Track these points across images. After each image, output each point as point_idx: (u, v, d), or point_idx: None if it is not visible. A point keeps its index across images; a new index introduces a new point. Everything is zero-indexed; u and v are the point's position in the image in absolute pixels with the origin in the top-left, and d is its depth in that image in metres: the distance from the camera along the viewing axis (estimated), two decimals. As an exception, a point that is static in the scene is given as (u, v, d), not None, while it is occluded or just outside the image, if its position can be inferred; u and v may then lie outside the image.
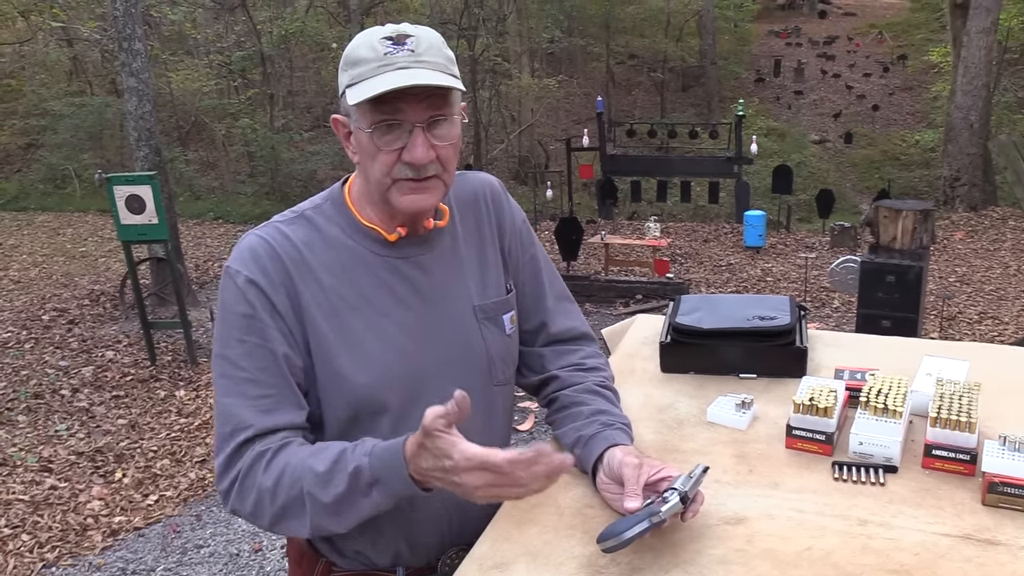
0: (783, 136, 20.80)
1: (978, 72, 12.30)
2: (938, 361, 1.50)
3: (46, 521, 4.08)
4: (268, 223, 1.28)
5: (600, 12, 22.26)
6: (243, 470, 1.15)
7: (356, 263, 1.25)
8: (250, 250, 1.23)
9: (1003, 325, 7.11)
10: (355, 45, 1.19)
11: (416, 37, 1.17)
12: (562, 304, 1.48)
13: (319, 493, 1.10)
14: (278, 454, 1.15)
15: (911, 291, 4.74)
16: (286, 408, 1.19)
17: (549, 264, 1.49)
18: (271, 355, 1.19)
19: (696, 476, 1.12)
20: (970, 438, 1.23)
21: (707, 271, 9.45)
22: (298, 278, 1.22)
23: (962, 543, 1.09)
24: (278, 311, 1.20)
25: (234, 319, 1.20)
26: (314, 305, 1.22)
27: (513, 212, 1.44)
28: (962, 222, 11.65)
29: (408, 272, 1.27)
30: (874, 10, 31.49)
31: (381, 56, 1.15)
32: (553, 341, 1.46)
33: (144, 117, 7.44)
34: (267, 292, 1.20)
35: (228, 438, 1.17)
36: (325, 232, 1.26)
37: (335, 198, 1.30)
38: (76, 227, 13.50)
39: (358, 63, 1.17)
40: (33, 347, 6.89)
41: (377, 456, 1.09)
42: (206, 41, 16.91)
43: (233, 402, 1.18)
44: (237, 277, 1.21)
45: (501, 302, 1.36)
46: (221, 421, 1.19)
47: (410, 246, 1.28)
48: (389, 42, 1.16)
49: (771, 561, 1.08)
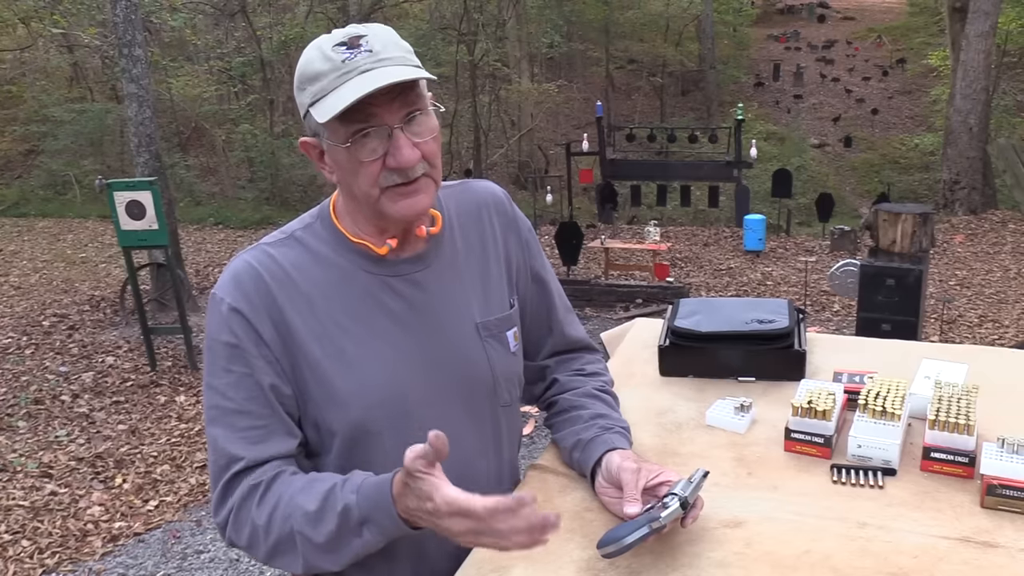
0: (783, 140, 20.82)
1: (977, 76, 12.32)
2: (936, 364, 1.50)
3: (46, 527, 4.08)
4: (257, 245, 1.22)
5: (599, 17, 22.30)
6: (236, 504, 1.13)
7: (348, 283, 1.20)
8: (234, 276, 1.18)
9: (1003, 328, 7.11)
10: (307, 59, 1.12)
11: (369, 35, 1.11)
12: (568, 315, 1.47)
13: (310, 532, 1.08)
14: (271, 487, 1.12)
15: (911, 295, 4.74)
16: (276, 438, 1.16)
17: (554, 275, 1.46)
18: (258, 386, 1.15)
19: (696, 481, 1.12)
20: (968, 440, 1.23)
21: (707, 275, 9.45)
22: (286, 302, 1.16)
23: (961, 545, 1.09)
24: (263, 340, 1.15)
25: (220, 348, 1.16)
26: (305, 329, 1.17)
27: (519, 223, 1.38)
28: (962, 225, 11.66)
29: (404, 290, 1.22)
30: (873, 14, 31.54)
31: (339, 65, 1.08)
32: (559, 352, 1.46)
33: (144, 123, 7.46)
34: (251, 320, 1.15)
35: (221, 471, 1.15)
36: (316, 252, 1.21)
37: (323, 216, 1.25)
38: (76, 233, 13.51)
39: (316, 78, 1.10)
40: (33, 353, 6.89)
41: (365, 494, 1.05)
42: (206, 47, 16.92)
43: (223, 434, 1.15)
44: (221, 305, 1.16)
45: (504, 318, 1.31)
46: (213, 454, 1.16)
47: (405, 263, 1.23)
48: (343, 48, 1.10)
49: (770, 564, 1.08)
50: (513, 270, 1.36)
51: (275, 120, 16.91)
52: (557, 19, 20.61)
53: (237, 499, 1.13)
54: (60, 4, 13.20)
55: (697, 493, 1.12)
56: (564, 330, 1.44)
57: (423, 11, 19.82)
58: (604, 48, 22.89)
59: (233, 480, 1.14)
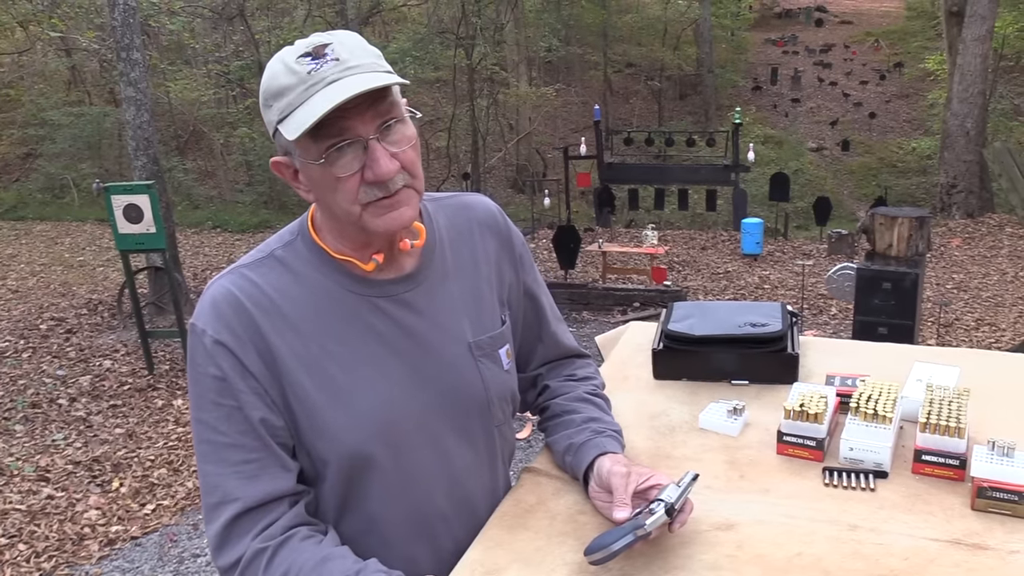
0: (780, 144, 20.85)
1: (974, 79, 12.35)
2: (928, 367, 1.51)
3: (43, 531, 4.07)
4: (233, 268, 1.16)
5: (597, 21, 22.35)
6: (243, 565, 1.08)
7: (335, 306, 1.15)
8: (213, 305, 1.12)
9: (1000, 332, 7.12)
10: (272, 75, 1.06)
11: (335, 43, 1.05)
12: (559, 326, 1.46)
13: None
14: (279, 552, 1.08)
15: (907, 298, 4.75)
16: (271, 473, 1.11)
17: (545, 287, 1.45)
18: (247, 420, 1.10)
19: (685, 485, 1.12)
20: (959, 443, 1.24)
21: (705, 279, 9.46)
22: (270, 330, 1.11)
23: (951, 548, 1.10)
24: (250, 372, 1.10)
25: (207, 381, 1.11)
26: (291, 357, 1.12)
27: (513, 239, 1.35)
28: (959, 229, 11.68)
29: (393, 312, 1.17)
30: (870, 18, 31.61)
31: (305, 77, 1.03)
32: (550, 361, 1.46)
33: (142, 126, 7.46)
34: (236, 352, 1.10)
35: (216, 509, 1.10)
36: (299, 273, 1.15)
37: (304, 232, 1.19)
38: (74, 236, 13.51)
39: (281, 93, 1.04)
40: (31, 356, 6.88)
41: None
42: (204, 51, 16.96)
43: (215, 470, 1.10)
44: (204, 337, 1.11)
45: (497, 336, 1.28)
46: (206, 490, 1.12)
47: (393, 283, 1.18)
48: (308, 59, 1.04)
49: (761, 567, 1.08)
50: (505, 286, 1.33)
51: (273, 124, 16.89)
52: (555, 23, 20.65)
53: (245, 560, 1.08)
54: (58, 7, 13.21)
55: (686, 497, 1.12)
56: (555, 341, 1.44)
57: (421, 15, 19.85)
58: (602, 52, 22.94)
59: (233, 526, 1.09)
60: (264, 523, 1.10)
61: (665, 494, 1.11)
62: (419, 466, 1.19)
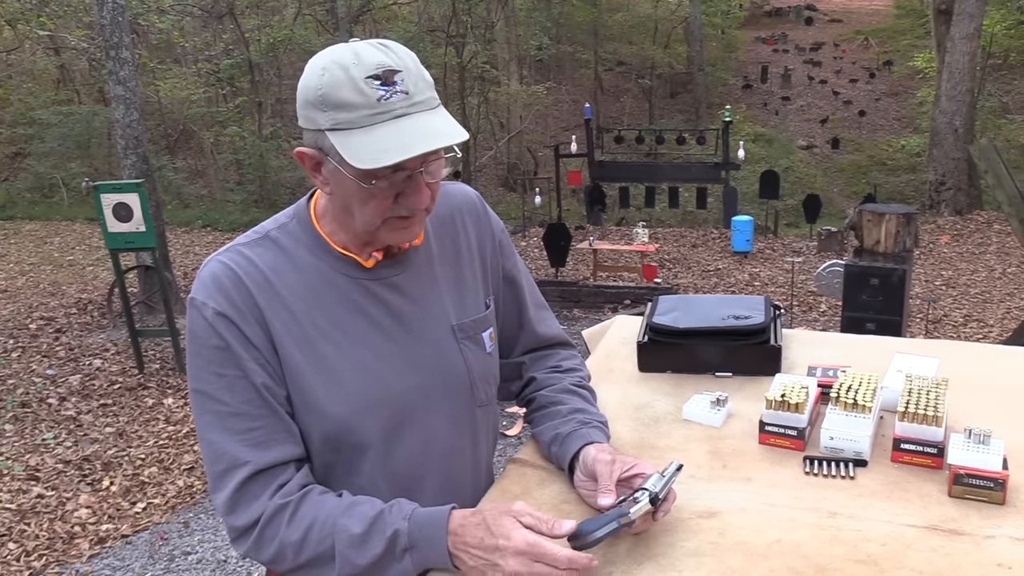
0: (770, 142, 20.91)
1: (962, 77, 12.42)
2: (909, 358, 1.53)
3: (33, 530, 4.07)
4: (230, 246, 1.19)
5: (588, 19, 22.38)
6: (264, 522, 1.11)
7: (327, 287, 1.18)
8: (213, 279, 1.15)
9: (988, 328, 7.17)
10: (334, 82, 1.05)
11: (404, 71, 1.07)
12: (540, 313, 1.48)
13: (354, 555, 1.08)
14: (301, 505, 1.11)
15: (895, 294, 4.79)
16: (279, 439, 1.14)
17: (527, 273, 1.48)
18: (252, 387, 1.13)
19: (669, 475, 1.14)
20: (937, 432, 1.26)
21: (695, 276, 9.50)
22: (266, 306, 1.15)
23: (928, 533, 1.12)
24: (252, 343, 1.13)
25: (208, 353, 1.13)
26: (285, 334, 1.15)
27: (492, 225, 1.39)
28: (948, 226, 11.75)
29: (383, 294, 1.21)
30: (860, 17, 31.73)
31: (374, 103, 1.04)
32: (532, 349, 1.47)
33: (131, 125, 7.44)
34: (238, 324, 1.13)
35: (223, 476, 1.12)
36: (292, 255, 1.19)
37: (301, 216, 1.22)
38: (64, 236, 13.45)
39: (344, 107, 1.05)
40: (20, 356, 6.86)
41: (417, 522, 1.08)
42: (194, 49, 16.87)
43: (220, 438, 1.12)
44: (204, 310, 1.13)
45: (480, 319, 1.31)
46: (211, 460, 1.13)
47: (383, 267, 1.22)
48: (377, 82, 1.04)
49: (742, 553, 1.10)
50: (488, 271, 1.37)
51: (263, 122, 16.88)
52: (546, 21, 20.67)
53: (264, 517, 1.11)
54: (47, 6, 13.14)
55: (669, 486, 1.14)
56: (536, 327, 1.46)
57: (412, 13, 19.83)
58: (593, 50, 22.97)
59: (247, 486, 1.11)
60: (279, 482, 1.13)
61: (649, 483, 1.12)
62: (405, 443, 1.23)
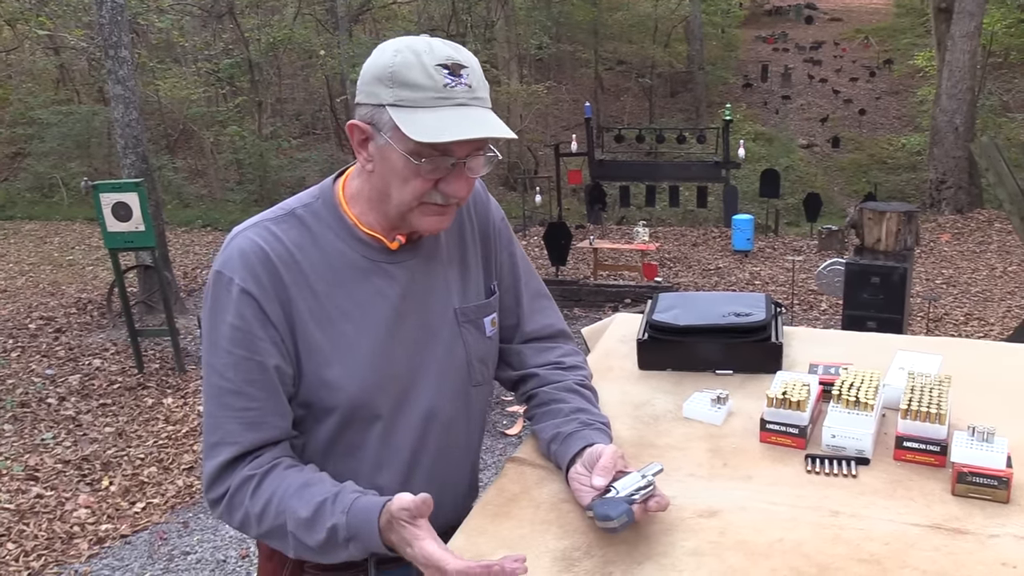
0: (771, 140, 20.89)
1: (963, 76, 12.40)
2: (911, 355, 1.52)
3: (32, 530, 4.06)
4: (257, 222, 1.23)
5: (588, 18, 22.35)
6: (232, 490, 1.18)
7: (349, 268, 1.23)
8: (242, 255, 1.19)
9: (989, 326, 7.16)
10: (404, 63, 1.12)
11: (470, 68, 1.15)
12: (539, 301, 1.49)
13: (303, 536, 1.14)
14: (265, 479, 1.17)
15: (896, 292, 4.78)
16: (271, 420, 1.20)
17: (526, 261, 1.49)
18: (259, 367, 1.18)
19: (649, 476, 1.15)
20: (940, 429, 1.25)
21: (695, 275, 9.48)
22: (292, 284, 1.19)
23: (932, 532, 1.11)
24: (271, 322, 1.18)
25: (224, 328, 1.18)
26: (307, 312, 1.20)
27: (492, 212, 1.43)
28: (948, 224, 11.74)
29: (399, 275, 1.27)
30: (860, 15, 31.70)
31: (440, 88, 1.11)
32: (531, 339, 1.47)
33: (131, 125, 7.43)
34: (261, 303, 1.17)
35: (215, 448, 1.19)
36: (316, 234, 1.23)
37: (327, 197, 1.27)
38: (63, 235, 13.44)
39: (410, 86, 1.11)
40: (19, 356, 6.85)
41: (354, 516, 1.11)
42: (194, 49, 16.86)
43: (218, 412, 1.19)
44: (231, 286, 1.17)
45: (483, 305, 1.36)
46: (209, 429, 1.20)
47: (399, 251, 1.27)
48: (445, 71, 1.12)
49: (743, 552, 1.09)
50: (492, 258, 1.42)
51: (263, 122, 16.87)
52: (546, 20, 20.64)
53: (233, 486, 1.18)
54: (46, 6, 13.13)
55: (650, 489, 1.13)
56: (535, 316, 1.47)
57: (411, 12, 19.82)
58: (593, 49, 22.94)
59: (228, 466, 1.18)
60: (253, 458, 1.20)
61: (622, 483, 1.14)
62: (408, 418, 1.28)
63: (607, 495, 1.13)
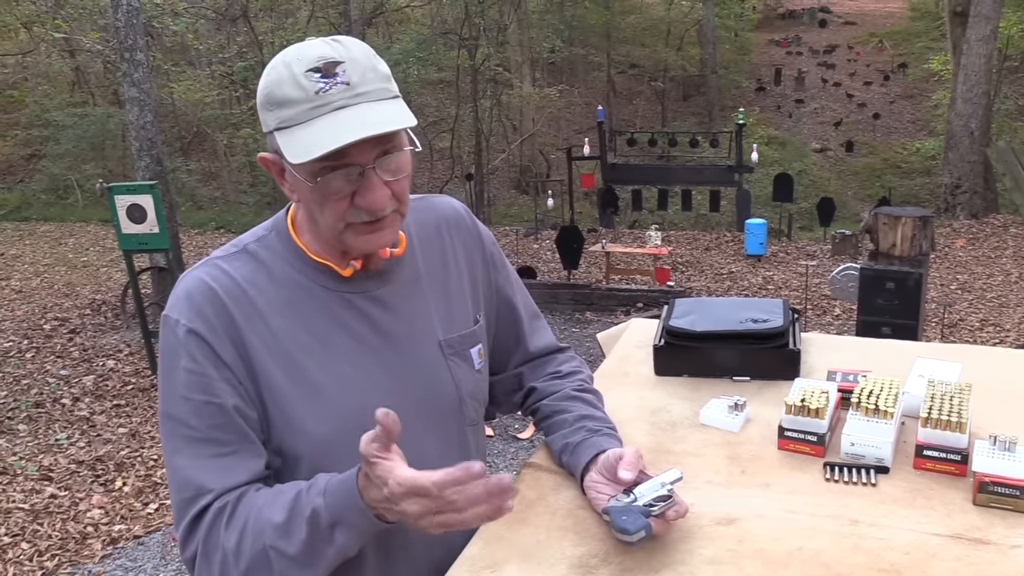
0: (784, 145, 20.83)
1: (978, 80, 12.32)
2: (930, 363, 1.50)
3: (46, 530, 4.08)
4: (207, 260, 1.15)
5: (601, 22, 22.36)
6: (204, 533, 1.05)
7: (307, 300, 1.14)
8: (187, 295, 1.10)
9: (1005, 332, 7.10)
10: (276, 80, 1.03)
11: (347, 62, 1.03)
12: (536, 321, 1.45)
13: (283, 545, 1.01)
14: (237, 507, 1.06)
15: (911, 298, 4.74)
16: (245, 462, 1.09)
17: (520, 284, 1.44)
18: (220, 410, 1.08)
19: (668, 484, 1.14)
20: (961, 438, 1.23)
21: (708, 279, 9.45)
22: (243, 322, 1.10)
23: (953, 542, 1.09)
24: (224, 362, 1.08)
25: (177, 375, 1.08)
26: (263, 350, 1.10)
27: (482, 238, 1.35)
28: (963, 230, 11.65)
29: (365, 308, 1.17)
30: (874, 19, 31.57)
31: (312, 96, 1.01)
32: (531, 358, 1.44)
33: (146, 127, 7.48)
34: (210, 342, 1.08)
35: (188, 504, 1.07)
36: (271, 267, 1.15)
37: (280, 228, 1.18)
38: (78, 237, 13.53)
39: (284, 103, 1.03)
40: (34, 356, 6.90)
41: (332, 493, 1.01)
42: (208, 52, 16.95)
43: (188, 464, 1.08)
44: (177, 328, 1.09)
45: (468, 335, 1.28)
46: (178, 487, 1.08)
47: (366, 280, 1.18)
48: (317, 75, 1.01)
49: (761, 561, 1.08)
50: (478, 286, 1.33)
51: (277, 125, 16.90)
52: (558, 24, 20.65)
53: (205, 528, 1.05)
54: (62, 9, 13.25)
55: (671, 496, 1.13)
56: (531, 340, 1.43)
57: (425, 16, 19.86)
58: (605, 53, 22.95)
59: (202, 513, 1.06)
60: (227, 495, 1.08)
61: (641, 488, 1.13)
62: None
63: (628, 499, 1.12)
